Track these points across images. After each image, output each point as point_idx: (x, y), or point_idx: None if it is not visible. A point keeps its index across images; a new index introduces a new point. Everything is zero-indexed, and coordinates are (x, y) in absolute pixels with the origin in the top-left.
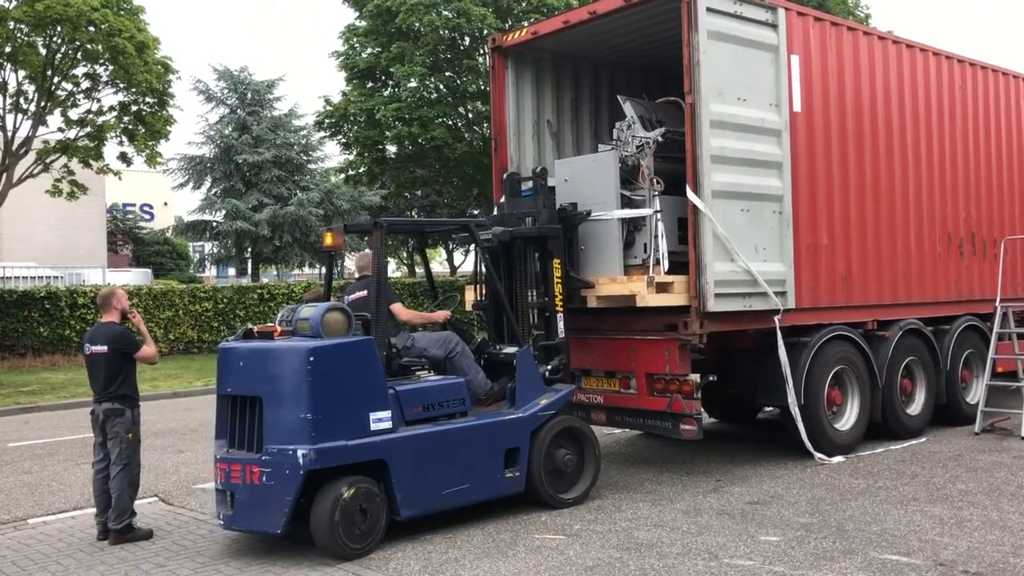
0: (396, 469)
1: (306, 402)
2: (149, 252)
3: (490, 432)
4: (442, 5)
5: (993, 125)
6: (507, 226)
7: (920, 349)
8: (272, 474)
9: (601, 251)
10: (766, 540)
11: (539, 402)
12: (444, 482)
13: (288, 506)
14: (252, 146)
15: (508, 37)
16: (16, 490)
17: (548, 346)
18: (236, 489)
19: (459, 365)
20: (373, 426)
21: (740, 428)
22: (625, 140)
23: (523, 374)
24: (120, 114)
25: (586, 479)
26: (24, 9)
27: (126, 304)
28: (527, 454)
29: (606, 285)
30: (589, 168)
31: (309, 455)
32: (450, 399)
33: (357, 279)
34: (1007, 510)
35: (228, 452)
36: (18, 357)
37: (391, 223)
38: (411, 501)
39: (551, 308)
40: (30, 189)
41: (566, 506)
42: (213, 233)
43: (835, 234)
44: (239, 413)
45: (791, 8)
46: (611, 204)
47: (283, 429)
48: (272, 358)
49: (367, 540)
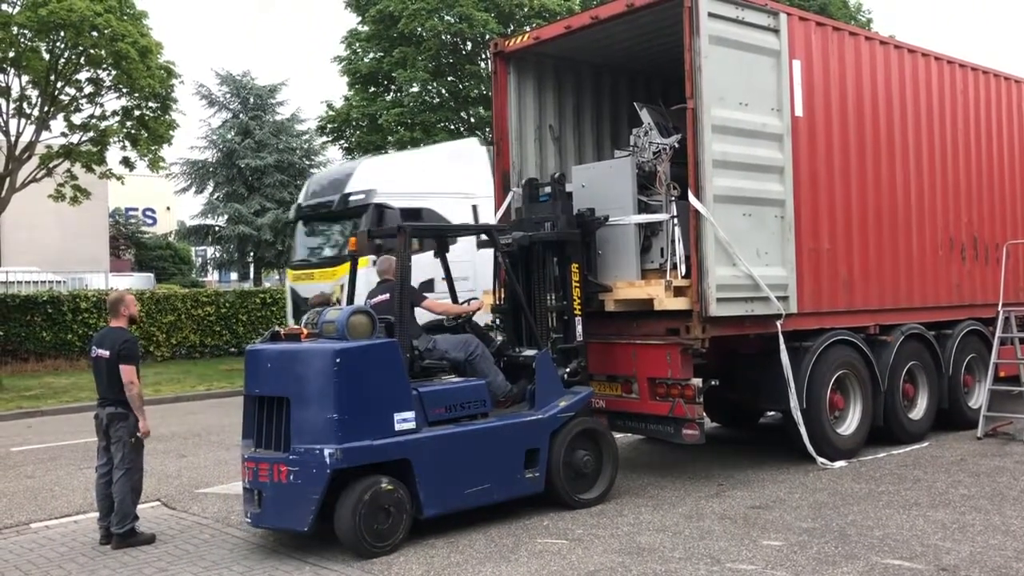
0: (420, 469)
1: (333, 402)
2: (151, 256)
3: (511, 433)
4: (444, 10)
5: (995, 129)
6: (526, 231)
7: (922, 354)
8: (299, 473)
9: (618, 255)
10: (768, 545)
11: (558, 404)
12: (466, 482)
13: (315, 504)
14: (255, 150)
15: (510, 42)
16: (19, 494)
17: (566, 349)
18: (264, 487)
19: (479, 367)
20: (397, 426)
21: (742, 433)
22: (642, 146)
23: (542, 376)
24: (123, 119)
25: (604, 480)
26: (28, 14)
27: (135, 310)
28: (547, 455)
29: (624, 289)
30: (606, 174)
31: (336, 454)
32: (472, 400)
33: (379, 283)
34: (1010, 515)
35: (256, 451)
36: (21, 361)
37: (414, 228)
38: (434, 500)
39: (569, 312)
40: (33, 194)
41: (585, 506)
42: (215, 237)
43: (837, 238)
44: (266, 413)
45: (793, 13)
46: (628, 209)
47: (310, 429)
48: (300, 360)
49: (391, 538)
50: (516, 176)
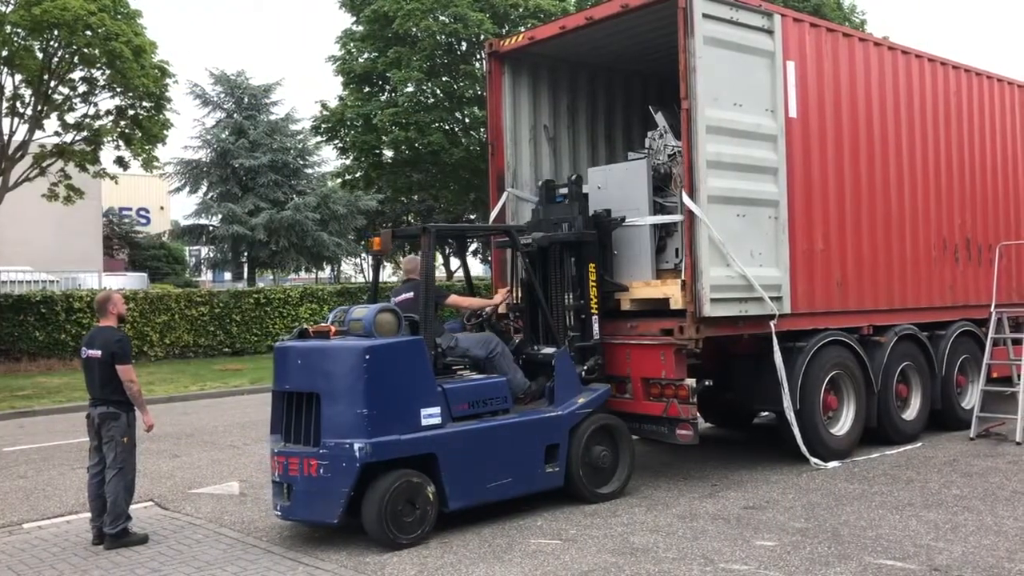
0: (445, 463)
1: (362, 398)
2: (145, 256)
3: (532, 429)
4: (439, 10)
5: (988, 131)
6: (544, 232)
7: (915, 354)
8: (329, 467)
9: (634, 256)
10: (762, 545)
11: (577, 400)
12: (489, 476)
13: (344, 497)
14: (249, 150)
15: (505, 42)
16: (11, 494)
17: (584, 347)
18: (293, 481)
19: (499, 365)
20: (424, 421)
21: (736, 433)
22: (657, 148)
23: (561, 374)
24: (117, 118)
25: (621, 475)
26: (21, 13)
27: (122, 309)
28: (566, 450)
29: (640, 288)
30: (622, 176)
31: (365, 448)
32: (494, 397)
33: (404, 282)
34: (1002, 515)
35: (285, 446)
36: (13, 361)
37: (439, 228)
38: (459, 493)
39: (586, 311)
40: (26, 193)
41: (603, 500)
42: (209, 237)
43: (831, 239)
44: (295, 409)
45: (787, 14)
46: (644, 210)
47: (340, 424)
48: (330, 356)
49: (417, 531)
50: (511, 176)
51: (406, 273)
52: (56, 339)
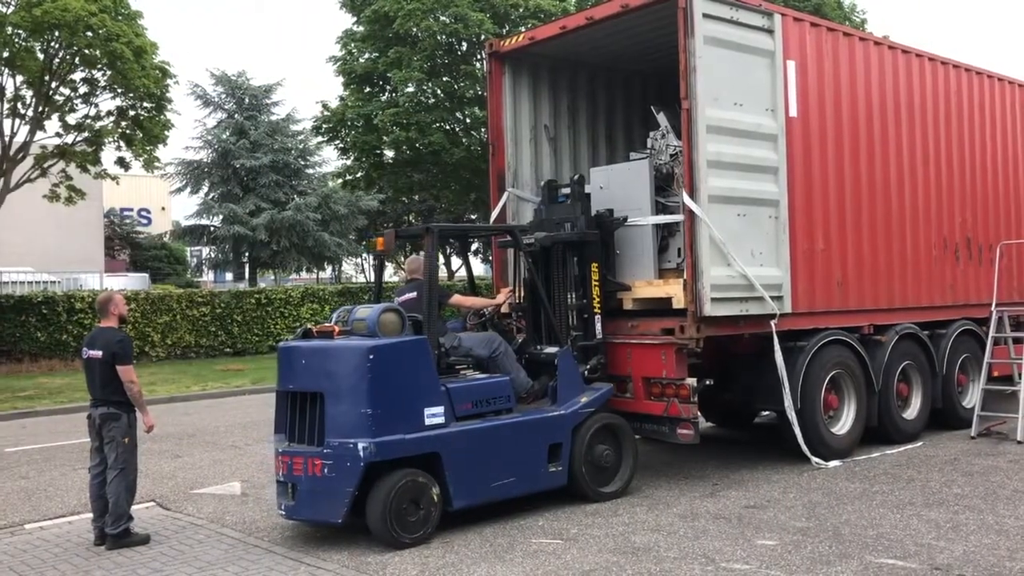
0: (449, 462)
1: (366, 398)
2: (146, 257)
3: (535, 428)
4: (439, 10)
5: (988, 130)
6: (546, 231)
7: (916, 353)
8: (333, 466)
9: (636, 255)
10: (763, 544)
11: (580, 400)
12: (493, 475)
13: (349, 497)
14: (250, 151)
15: (505, 42)
16: (13, 495)
17: (586, 346)
18: (298, 481)
19: (502, 364)
20: (428, 421)
21: (737, 432)
22: (659, 149)
23: (564, 373)
24: (118, 119)
25: (624, 474)
26: (22, 14)
27: (124, 309)
28: (569, 449)
29: (642, 288)
30: (624, 176)
31: (370, 448)
32: (497, 396)
33: (407, 282)
34: (1003, 514)
35: (289, 446)
36: (15, 362)
37: (442, 229)
38: (463, 493)
39: (589, 310)
40: (28, 194)
41: (606, 499)
42: (211, 238)
43: (831, 239)
44: (300, 408)
45: (787, 14)
46: (646, 210)
47: (344, 423)
48: (334, 356)
49: (421, 530)
50: (511, 176)
51: (409, 273)
52: (58, 340)
